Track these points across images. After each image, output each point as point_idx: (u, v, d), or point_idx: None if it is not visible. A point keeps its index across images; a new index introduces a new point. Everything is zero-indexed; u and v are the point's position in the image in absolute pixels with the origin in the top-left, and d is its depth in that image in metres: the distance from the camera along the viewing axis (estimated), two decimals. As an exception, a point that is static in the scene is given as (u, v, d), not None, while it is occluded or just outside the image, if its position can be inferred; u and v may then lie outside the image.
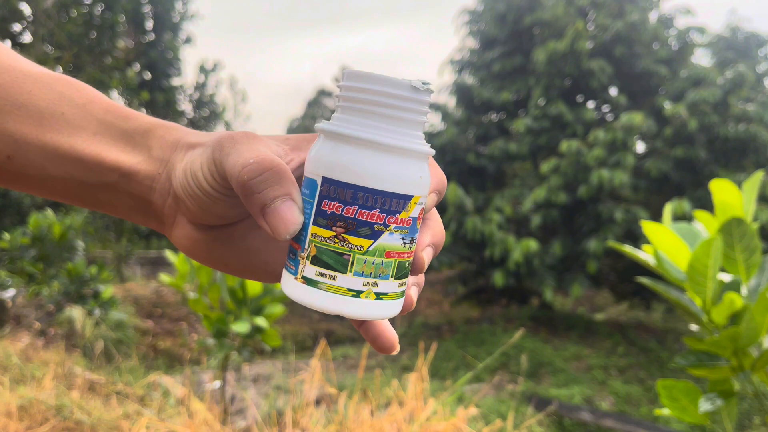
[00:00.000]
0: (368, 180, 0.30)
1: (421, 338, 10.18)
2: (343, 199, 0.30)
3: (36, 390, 4.18)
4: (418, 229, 0.33)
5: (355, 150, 0.30)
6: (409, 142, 0.31)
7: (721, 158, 9.11)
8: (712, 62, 13.98)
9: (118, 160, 0.36)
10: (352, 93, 0.31)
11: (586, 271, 8.87)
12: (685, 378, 5.48)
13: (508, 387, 7.86)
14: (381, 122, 0.31)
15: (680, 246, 0.96)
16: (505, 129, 11.10)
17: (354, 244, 0.31)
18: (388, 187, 0.30)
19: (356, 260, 0.31)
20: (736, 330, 0.92)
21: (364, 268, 0.31)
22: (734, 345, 0.94)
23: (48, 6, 5.82)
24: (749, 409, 7.32)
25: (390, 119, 0.31)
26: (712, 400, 1.00)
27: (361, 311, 0.32)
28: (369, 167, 0.30)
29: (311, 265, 0.32)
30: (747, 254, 0.95)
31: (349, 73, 0.33)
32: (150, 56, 8.58)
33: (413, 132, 0.32)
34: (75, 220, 5.01)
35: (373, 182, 0.30)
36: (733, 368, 1.00)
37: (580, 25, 9.28)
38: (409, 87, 0.31)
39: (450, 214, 8.82)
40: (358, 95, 0.31)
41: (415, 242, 0.33)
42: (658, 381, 1.03)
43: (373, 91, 0.30)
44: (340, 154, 0.30)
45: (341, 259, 0.31)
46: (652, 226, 0.96)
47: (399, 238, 0.31)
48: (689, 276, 0.94)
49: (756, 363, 0.96)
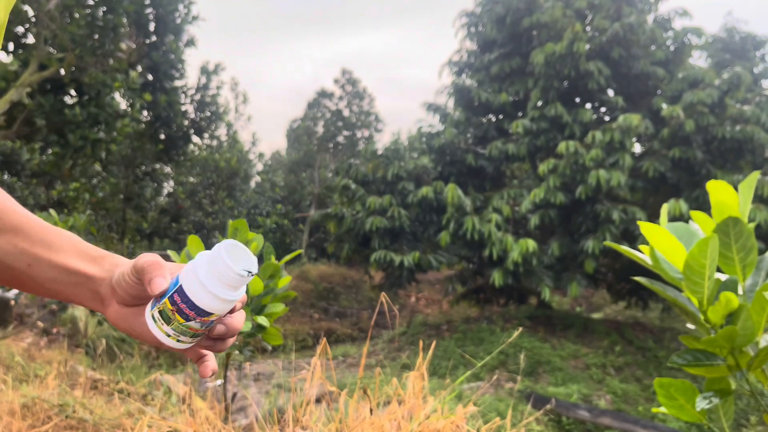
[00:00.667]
0: (199, 302, 0.62)
1: (420, 337, 10.20)
2: (183, 299, 0.62)
3: (39, 388, 4.19)
4: (213, 323, 0.65)
5: (201, 287, 0.61)
6: (227, 295, 0.62)
7: (717, 159, 9.14)
8: (708, 64, 14.03)
9: (86, 270, 0.68)
10: (218, 258, 0.60)
11: (584, 271, 8.90)
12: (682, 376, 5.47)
13: (506, 385, 7.89)
14: (220, 281, 0.61)
15: (677, 246, 0.95)
16: (503, 130, 11.13)
17: (179, 318, 0.63)
18: (204, 307, 0.62)
19: (175, 323, 0.63)
20: (732, 329, 0.92)
21: (177, 328, 0.64)
22: (731, 344, 0.94)
23: (51, 8, 5.82)
24: (745, 407, 7.38)
25: (224, 282, 0.61)
26: (709, 399, 0.99)
27: (168, 343, 0.65)
28: (203, 298, 0.62)
29: (157, 312, 0.64)
30: (743, 254, 0.94)
31: (226, 244, 0.61)
32: (152, 58, 8.58)
33: (234, 291, 0.62)
34: (78, 220, 5.02)
35: (200, 304, 0.62)
36: (729, 367, 0.99)
37: (578, 28, 9.31)
38: (239, 274, 0.60)
39: (449, 214, 8.85)
40: (219, 263, 0.60)
41: (209, 326, 0.65)
42: (656, 379, 1.02)
43: (226, 265, 0.60)
44: (195, 283, 0.62)
45: (169, 318, 0.63)
46: (650, 227, 0.95)
47: (199, 325, 0.64)
48: (686, 275, 0.93)
49: (752, 362, 0.95)
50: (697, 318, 0.99)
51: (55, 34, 6.16)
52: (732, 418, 1.09)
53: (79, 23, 6.09)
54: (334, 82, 24.06)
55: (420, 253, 9.60)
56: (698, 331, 1.03)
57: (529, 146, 9.84)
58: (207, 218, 17.20)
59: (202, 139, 11.41)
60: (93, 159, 9.35)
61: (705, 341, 0.97)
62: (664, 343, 9.68)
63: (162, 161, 11.56)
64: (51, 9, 5.81)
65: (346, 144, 23.01)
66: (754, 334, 0.94)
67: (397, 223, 9.72)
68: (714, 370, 1.02)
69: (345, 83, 23.89)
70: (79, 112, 6.96)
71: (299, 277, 14.60)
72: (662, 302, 11.70)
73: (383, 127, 23.98)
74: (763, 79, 13.57)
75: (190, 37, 9.31)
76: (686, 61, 10.54)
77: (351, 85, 23.84)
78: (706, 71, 9.30)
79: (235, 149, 17.53)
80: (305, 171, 21.16)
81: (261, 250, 3.04)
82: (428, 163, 10.41)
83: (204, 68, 10.73)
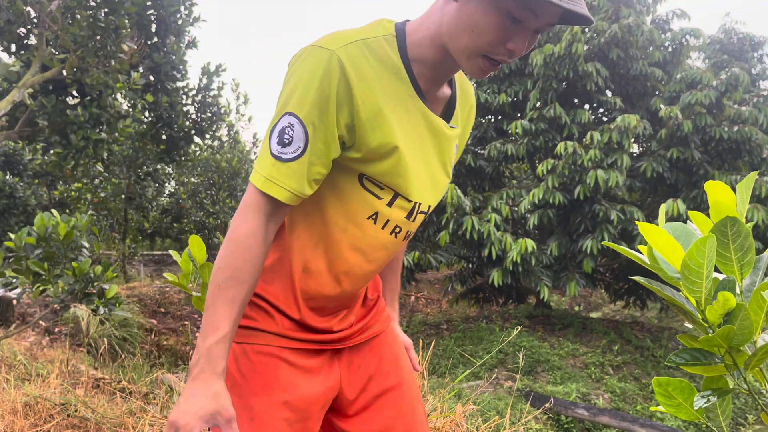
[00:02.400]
0: None
1: (420, 336, 10.24)
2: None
3: (41, 387, 4.21)
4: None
5: None
6: None
7: (715, 159, 9.17)
8: (706, 65, 14.07)
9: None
10: None
11: (583, 271, 8.93)
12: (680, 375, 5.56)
13: (505, 384, 7.92)
14: None
15: (675, 246, 0.95)
16: (502, 131, 11.16)
17: None
18: None
19: None
20: (730, 328, 0.92)
21: None
22: (728, 343, 0.94)
23: (53, 9, 5.84)
24: (743, 406, 7.41)
25: None
26: (707, 397, 0.98)
27: None
28: None
29: None
30: (741, 253, 0.94)
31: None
32: (154, 59, 8.59)
33: None
34: (80, 221, 5.04)
35: None
36: (727, 366, 0.99)
37: (577, 29, 9.34)
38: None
39: (448, 214, 8.87)
40: None
41: None
42: (654, 378, 1.02)
43: None
44: None
45: None
46: (648, 227, 0.94)
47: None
48: (683, 275, 0.93)
49: (750, 361, 0.95)
50: (695, 317, 0.99)
51: (57, 35, 6.18)
52: (730, 417, 1.09)
53: (81, 24, 6.10)
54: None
55: (419, 253, 9.63)
56: (696, 330, 1.03)
57: (527, 147, 9.87)
58: (208, 218, 17.21)
59: (204, 139, 11.42)
60: (95, 159, 9.35)
61: (703, 340, 0.97)
62: (662, 342, 9.72)
63: (164, 162, 11.56)
64: (53, 10, 5.83)
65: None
66: (752, 333, 0.94)
67: (396, 223, 9.74)
68: (712, 369, 1.02)
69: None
70: (81, 112, 6.98)
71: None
72: (660, 302, 11.73)
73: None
74: (761, 80, 13.62)
75: (192, 39, 9.33)
76: (684, 62, 10.57)
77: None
78: (704, 72, 9.33)
79: (236, 150, 17.55)
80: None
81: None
82: (427, 163, 10.42)
83: (205, 69, 10.74)
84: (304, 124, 0.94)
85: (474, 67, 0.98)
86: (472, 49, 0.95)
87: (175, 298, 11.18)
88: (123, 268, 14.88)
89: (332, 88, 0.94)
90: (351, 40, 0.97)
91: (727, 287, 0.96)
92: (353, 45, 0.97)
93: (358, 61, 0.96)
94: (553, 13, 0.92)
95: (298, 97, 0.94)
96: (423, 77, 1.04)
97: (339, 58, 0.94)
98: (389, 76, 1.00)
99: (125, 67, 6.87)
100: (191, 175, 17.88)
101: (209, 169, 17.40)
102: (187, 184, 17.82)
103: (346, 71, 0.94)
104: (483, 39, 0.93)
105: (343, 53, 0.95)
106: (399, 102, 1.00)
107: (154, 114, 9.96)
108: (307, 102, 0.94)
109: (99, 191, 14.96)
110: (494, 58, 0.96)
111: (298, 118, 0.94)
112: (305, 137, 0.94)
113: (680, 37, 10.28)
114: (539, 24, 0.94)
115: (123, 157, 13.87)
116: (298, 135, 0.94)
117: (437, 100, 1.10)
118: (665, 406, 1.06)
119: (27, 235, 4.82)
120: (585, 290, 16.01)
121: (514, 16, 0.91)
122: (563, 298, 15.50)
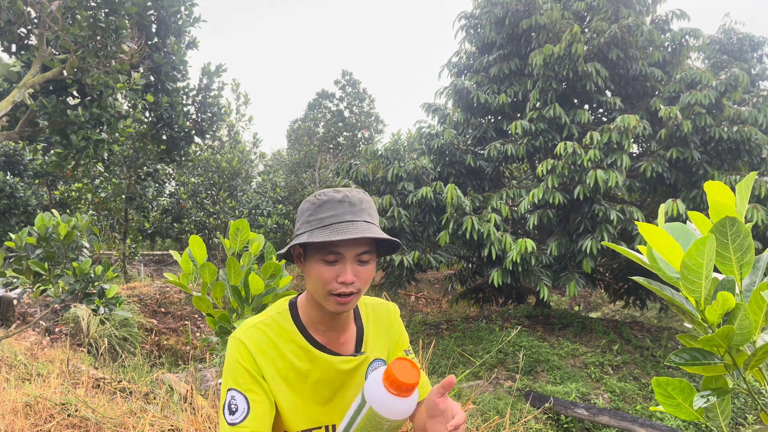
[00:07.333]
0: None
1: (420, 336, 10.25)
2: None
3: (42, 387, 4.21)
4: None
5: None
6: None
7: (715, 159, 9.18)
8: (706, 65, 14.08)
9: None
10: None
11: (582, 270, 8.93)
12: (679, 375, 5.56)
13: (505, 383, 7.92)
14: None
15: (674, 246, 0.96)
16: (502, 131, 11.17)
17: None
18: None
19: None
20: (729, 328, 0.92)
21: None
22: (728, 343, 0.95)
23: (53, 9, 5.83)
24: (743, 406, 7.42)
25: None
26: (706, 397, 0.99)
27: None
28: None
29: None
30: (740, 253, 0.95)
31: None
32: (154, 60, 8.59)
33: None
34: (80, 221, 5.04)
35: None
36: (727, 366, 1.00)
37: (576, 29, 9.34)
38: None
39: (448, 214, 8.88)
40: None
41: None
42: (653, 378, 1.02)
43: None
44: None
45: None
46: (647, 227, 0.95)
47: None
48: (683, 275, 0.93)
49: (749, 360, 0.96)
50: (695, 317, 0.99)
51: (57, 35, 6.18)
52: (729, 417, 1.10)
53: (82, 25, 6.10)
54: (335, 83, 24.08)
55: (419, 253, 9.63)
56: (695, 330, 1.04)
57: (527, 147, 9.87)
58: (209, 218, 17.22)
59: (204, 140, 11.41)
60: (95, 159, 9.36)
61: (702, 340, 0.97)
62: (661, 342, 9.72)
63: (164, 162, 11.57)
64: (53, 11, 5.83)
65: (346, 144, 23.01)
66: (751, 333, 0.95)
67: (396, 223, 9.75)
68: (711, 369, 1.03)
69: (345, 84, 23.90)
70: (81, 112, 6.98)
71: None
72: (660, 301, 11.74)
73: (383, 128, 23.98)
74: (760, 81, 13.64)
75: (192, 39, 9.33)
76: (684, 62, 10.58)
77: (351, 86, 23.84)
78: (703, 72, 9.33)
79: (236, 150, 17.55)
80: (306, 171, 21.19)
81: (262, 249, 3.07)
82: (428, 163, 10.42)
83: (205, 69, 10.74)
84: (242, 393, 1.23)
85: (332, 305, 1.23)
86: (322, 293, 1.22)
87: (175, 298, 11.21)
88: (123, 268, 14.89)
89: (247, 363, 1.26)
90: (250, 324, 1.31)
91: (726, 287, 0.97)
92: (252, 328, 1.30)
93: (255, 339, 1.28)
94: (351, 245, 1.18)
95: (231, 377, 1.25)
96: (319, 332, 1.32)
97: (243, 341, 1.27)
98: (286, 343, 1.30)
99: (125, 67, 6.87)
100: (191, 175, 17.89)
101: (209, 169, 17.41)
102: (187, 184, 17.83)
103: (250, 349, 1.26)
104: (321, 284, 1.21)
105: (244, 337, 1.28)
106: (298, 360, 1.30)
107: (154, 114, 9.96)
108: (238, 377, 1.25)
109: (99, 191, 14.97)
110: (337, 293, 1.20)
111: (237, 390, 1.24)
112: (246, 401, 1.23)
113: (680, 37, 10.28)
114: (353, 254, 1.19)
115: (123, 157, 13.89)
116: (241, 402, 1.23)
117: (346, 341, 1.37)
118: (665, 406, 1.07)
119: (27, 235, 4.83)
120: (585, 290, 16.03)
121: (327, 260, 1.19)
122: (563, 298, 15.50)
